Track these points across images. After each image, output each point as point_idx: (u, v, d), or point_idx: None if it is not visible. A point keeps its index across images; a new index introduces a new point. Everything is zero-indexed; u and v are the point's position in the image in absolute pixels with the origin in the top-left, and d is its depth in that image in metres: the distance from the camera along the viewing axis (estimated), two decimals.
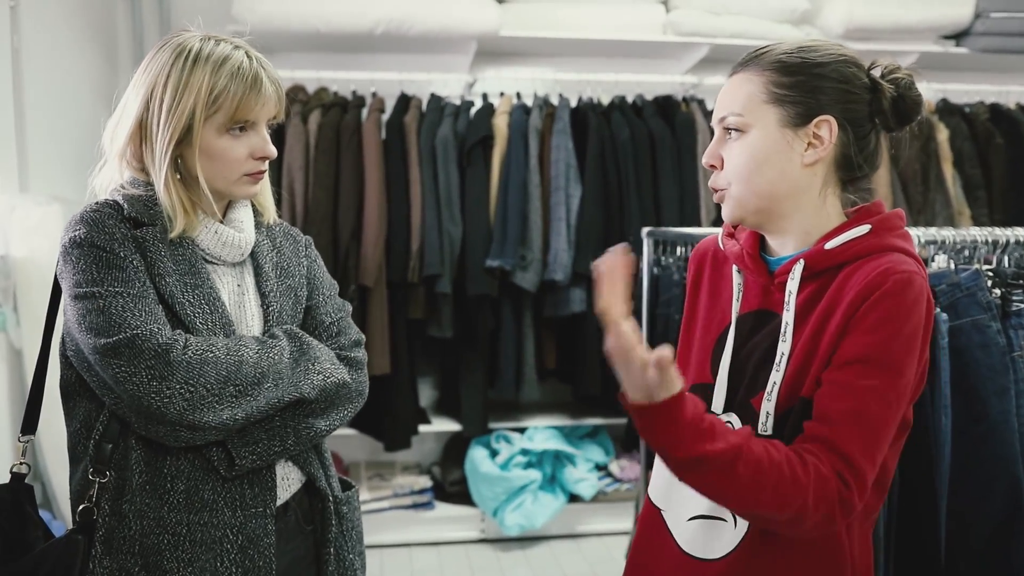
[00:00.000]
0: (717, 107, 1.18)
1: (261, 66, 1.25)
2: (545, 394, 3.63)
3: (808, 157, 1.13)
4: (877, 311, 1.04)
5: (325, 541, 1.36)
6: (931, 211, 3.41)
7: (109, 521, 1.19)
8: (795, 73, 1.13)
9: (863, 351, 1.04)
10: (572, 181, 3.33)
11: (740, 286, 1.23)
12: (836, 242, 1.12)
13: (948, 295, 1.63)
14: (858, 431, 1.03)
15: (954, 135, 3.55)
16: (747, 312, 1.21)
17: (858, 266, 1.09)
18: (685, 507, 1.20)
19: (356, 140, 3.27)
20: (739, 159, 1.14)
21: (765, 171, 1.13)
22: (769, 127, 1.13)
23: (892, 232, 1.14)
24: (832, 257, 1.12)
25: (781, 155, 1.13)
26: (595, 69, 3.66)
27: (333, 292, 1.46)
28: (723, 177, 1.17)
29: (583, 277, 3.28)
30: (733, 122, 1.15)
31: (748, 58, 1.17)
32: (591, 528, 3.56)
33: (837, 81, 1.13)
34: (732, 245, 1.24)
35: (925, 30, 3.65)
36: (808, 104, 1.12)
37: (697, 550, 1.17)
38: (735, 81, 1.17)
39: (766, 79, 1.13)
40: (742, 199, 1.16)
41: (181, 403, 1.14)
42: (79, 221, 1.20)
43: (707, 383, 1.22)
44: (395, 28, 3.35)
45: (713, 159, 1.18)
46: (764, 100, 1.13)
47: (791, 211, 1.15)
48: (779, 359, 1.12)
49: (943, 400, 1.57)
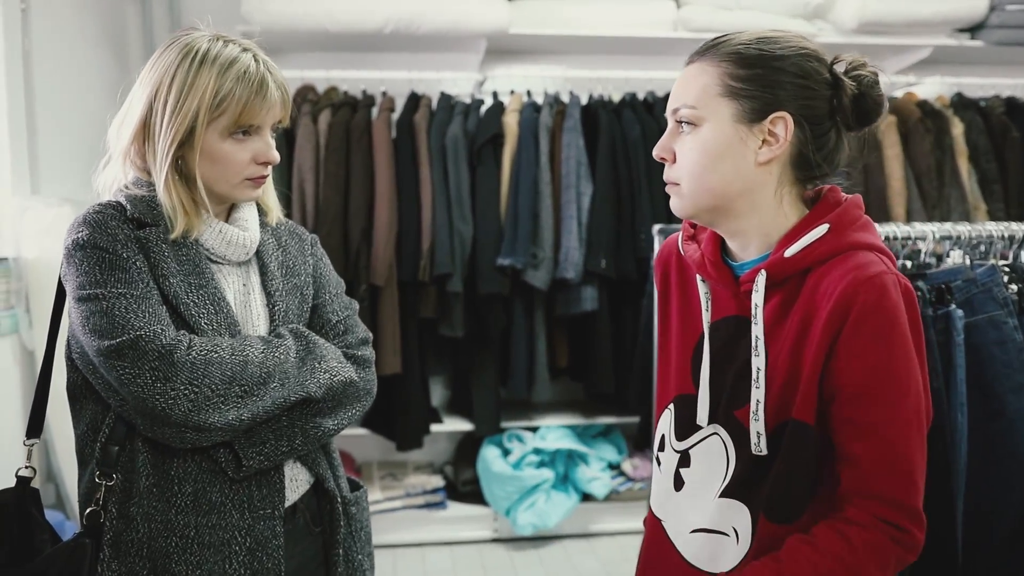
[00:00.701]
0: (671, 97, 1.13)
1: (268, 70, 1.24)
2: (557, 393, 3.62)
3: (762, 155, 1.08)
4: (863, 331, 1.01)
5: (334, 542, 1.36)
6: (946, 206, 3.38)
7: (117, 524, 1.18)
8: (752, 66, 1.08)
9: (864, 380, 1.02)
10: (583, 179, 3.31)
11: (707, 295, 1.18)
12: (795, 248, 1.07)
13: (964, 291, 1.61)
14: (889, 467, 1.01)
15: (969, 129, 3.51)
16: (720, 319, 1.17)
17: (826, 270, 1.05)
18: (685, 519, 1.18)
19: (366, 139, 3.26)
20: (691, 154, 1.10)
21: (718, 167, 1.08)
22: (723, 122, 1.08)
23: (852, 226, 1.09)
24: (793, 264, 1.07)
25: (734, 152, 1.08)
26: (605, 66, 3.64)
27: (340, 290, 1.45)
28: (675, 171, 1.12)
29: (595, 275, 3.26)
30: (686, 114, 1.10)
31: (705, 47, 1.12)
32: (604, 527, 3.54)
33: (796, 76, 1.07)
34: (693, 251, 1.19)
35: (939, 23, 3.60)
36: (764, 99, 1.07)
37: (703, 563, 1.16)
38: (690, 71, 1.12)
39: (722, 71, 1.09)
40: (694, 196, 1.11)
41: (186, 404, 1.14)
42: (82, 223, 1.20)
43: (690, 394, 1.19)
44: (404, 27, 3.34)
45: (664, 152, 1.13)
46: (719, 93, 1.08)
47: (746, 210, 1.11)
48: (756, 375, 1.08)
49: (959, 397, 1.55)
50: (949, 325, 1.57)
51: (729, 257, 1.17)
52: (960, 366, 1.55)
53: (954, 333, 1.55)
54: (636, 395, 3.21)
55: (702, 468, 1.17)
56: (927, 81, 3.72)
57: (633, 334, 3.29)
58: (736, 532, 1.12)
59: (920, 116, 3.45)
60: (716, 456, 1.15)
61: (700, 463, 1.17)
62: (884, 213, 3.32)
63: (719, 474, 1.14)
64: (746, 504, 1.11)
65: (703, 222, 1.16)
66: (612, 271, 3.26)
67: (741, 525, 1.11)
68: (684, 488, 1.19)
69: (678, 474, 1.20)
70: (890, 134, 3.36)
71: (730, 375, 1.14)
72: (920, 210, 3.35)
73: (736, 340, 1.14)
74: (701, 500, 1.16)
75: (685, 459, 1.19)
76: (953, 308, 1.57)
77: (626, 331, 3.37)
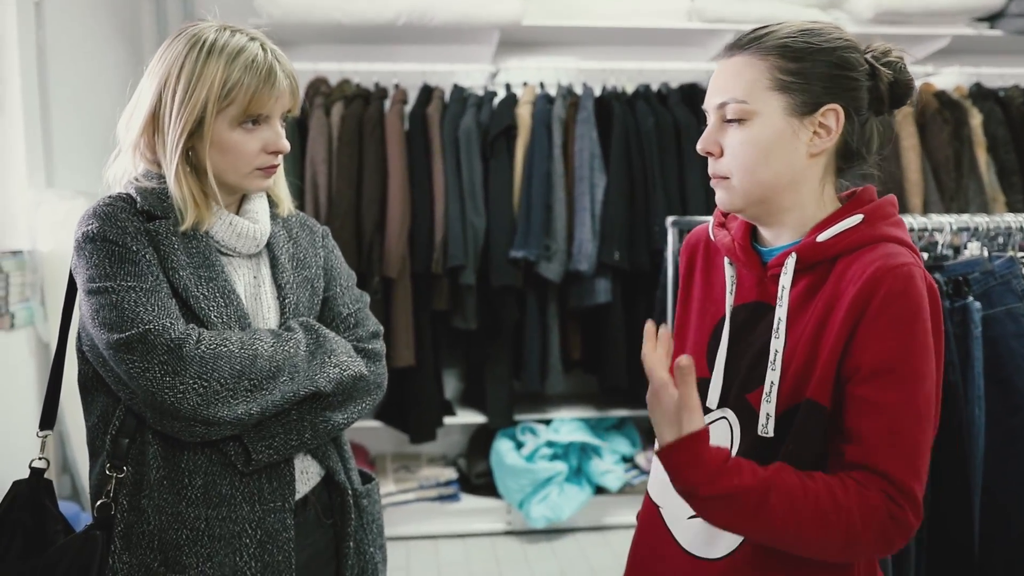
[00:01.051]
0: (713, 91, 1.13)
1: (276, 59, 1.23)
2: (570, 385, 3.61)
3: (814, 147, 1.09)
4: (886, 315, 1.01)
5: (345, 535, 1.35)
6: (964, 197, 3.34)
7: (127, 516, 1.18)
8: (801, 59, 1.08)
9: (881, 361, 1.01)
10: (596, 171, 3.30)
11: (733, 279, 1.19)
12: (828, 234, 1.08)
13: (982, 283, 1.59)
14: (895, 448, 1.00)
15: (988, 120, 3.47)
16: (740, 305, 1.17)
17: (854, 259, 1.06)
18: (683, 505, 1.17)
19: (379, 132, 3.26)
20: (743, 148, 1.09)
21: (771, 162, 1.09)
22: (774, 116, 1.08)
23: (885, 220, 1.10)
24: (824, 250, 1.08)
25: (786, 145, 1.08)
26: (619, 57, 3.62)
27: (351, 283, 1.44)
28: (723, 165, 1.12)
29: (608, 267, 3.25)
30: (735, 109, 1.09)
31: (747, 40, 1.11)
32: (618, 520, 3.53)
33: (842, 68, 1.08)
34: (723, 236, 1.20)
35: (958, 12, 3.56)
36: (814, 91, 1.08)
37: (699, 549, 1.15)
38: (734, 64, 1.11)
39: (770, 64, 1.08)
40: (746, 190, 1.11)
41: (195, 398, 1.13)
42: (91, 215, 1.19)
43: (703, 378, 1.19)
44: (417, 19, 3.34)
45: (711, 146, 1.13)
46: (768, 87, 1.08)
47: (792, 202, 1.12)
48: (773, 357, 1.08)
49: (977, 391, 1.53)
50: (967, 318, 1.55)
51: (759, 243, 1.18)
52: (978, 359, 1.53)
53: (972, 326, 1.54)
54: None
55: None
56: (945, 71, 3.69)
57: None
58: None
59: (938, 107, 3.41)
60: (719, 441, 1.14)
61: None
62: (901, 205, 3.25)
63: None
64: None
65: (748, 215, 1.16)
66: (626, 263, 3.25)
67: None
68: None
69: None
70: (907, 125, 3.33)
71: (745, 359, 1.14)
72: (937, 201, 3.31)
73: (753, 326, 1.14)
74: None
75: None
76: (971, 300, 1.55)
77: (639, 323, 3.33)
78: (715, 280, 1.24)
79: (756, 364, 1.12)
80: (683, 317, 1.29)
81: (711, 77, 1.14)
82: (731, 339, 1.17)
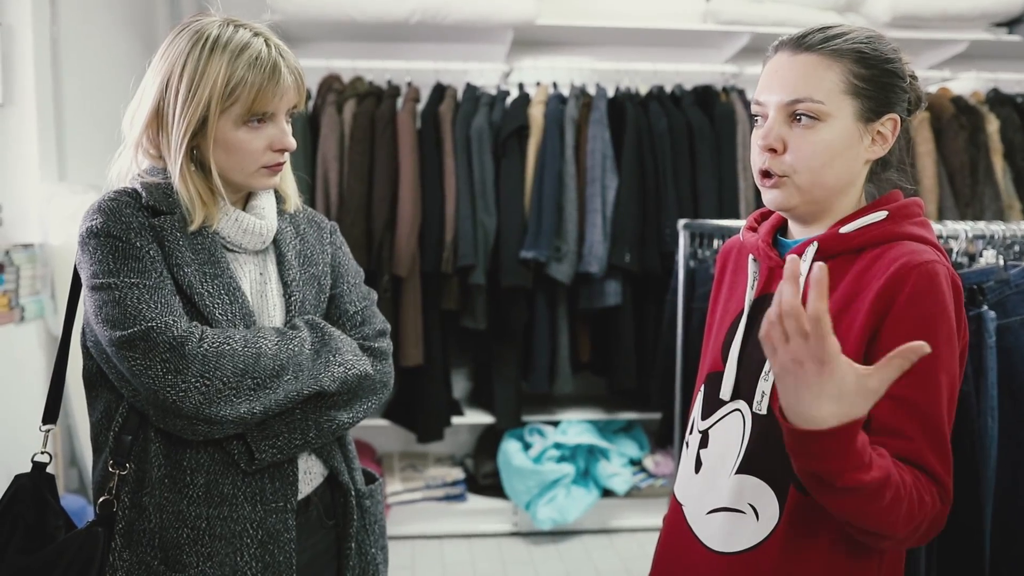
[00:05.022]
0: (779, 87, 1.10)
1: (280, 54, 1.21)
2: (579, 387, 3.59)
3: (871, 153, 1.12)
4: (912, 313, 1.02)
5: (346, 535, 1.35)
6: (979, 204, 3.31)
7: (129, 514, 1.18)
8: (872, 66, 1.09)
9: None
10: (608, 172, 3.28)
11: (755, 274, 1.20)
12: (852, 227, 1.10)
13: (997, 292, 1.56)
14: (932, 444, 1.02)
15: (1005, 126, 3.43)
16: (759, 297, 1.20)
17: (878, 254, 1.08)
18: (703, 500, 1.18)
19: (391, 130, 3.25)
20: (813, 149, 1.08)
21: (836, 164, 1.10)
22: (847, 119, 1.09)
23: (910, 219, 1.11)
24: (846, 241, 1.10)
25: (852, 149, 1.10)
26: (633, 58, 3.60)
27: (358, 280, 1.43)
28: (786, 163, 1.10)
29: (618, 269, 3.24)
30: (809, 108, 1.08)
31: (818, 41, 1.10)
32: (624, 523, 3.52)
33: (900, 78, 1.12)
34: (751, 237, 1.22)
35: (976, 17, 3.53)
36: (880, 99, 1.10)
37: (717, 543, 1.15)
38: (804, 63, 1.09)
39: (844, 67, 1.08)
40: (806, 190, 1.10)
41: (197, 397, 1.12)
42: (96, 210, 1.18)
43: (720, 371, 1.20)
44: (431, 17, 3.33)
45: (778, 143, 1.11)
46: (843, 90, 1.08)
47: (838, 205, 1.14)
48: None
49: (990, 402, 1.50)
50: (981, 327, 1.52)
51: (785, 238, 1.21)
52: (991, 369, 1.51)
53: (986, 335, 1.51)
54: (658, 391, 3.18)
55: (719, 446, 1.18)
56: (962, 76, 3.65)
57: (656, 329, 3.26)
58: (754, 509, 1.11)
59: (954, 112, 3.38)
60: (733, 432, 1.15)
61: (717, 442, 1.18)
62: None
63: (733, 450, 1.15)
64: (764, 479, 1.11)
65: (797, 214, 1.16)
66: (636, 266, 3.24)
67: (760, 502, 1.11)
68: (702, 469, 1.20)
69: (698, 456, 1.21)
70: (923, 130, 3.30)
71: (759, 350, 1.13)
72: (952, 208, 3.28)
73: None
74: (718, 479, 1.16)
75: (705, 439, 1.21)
76: (985, 309, 1.53)
77: (649, 326, 3.34)
78: (739, 280, 1.26)
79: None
80: (711, 320, 1.32)
81: (767, 72, 1.13)
82: (746, 332, 1.18)
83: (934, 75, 3.68)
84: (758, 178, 1.15)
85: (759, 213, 1.28)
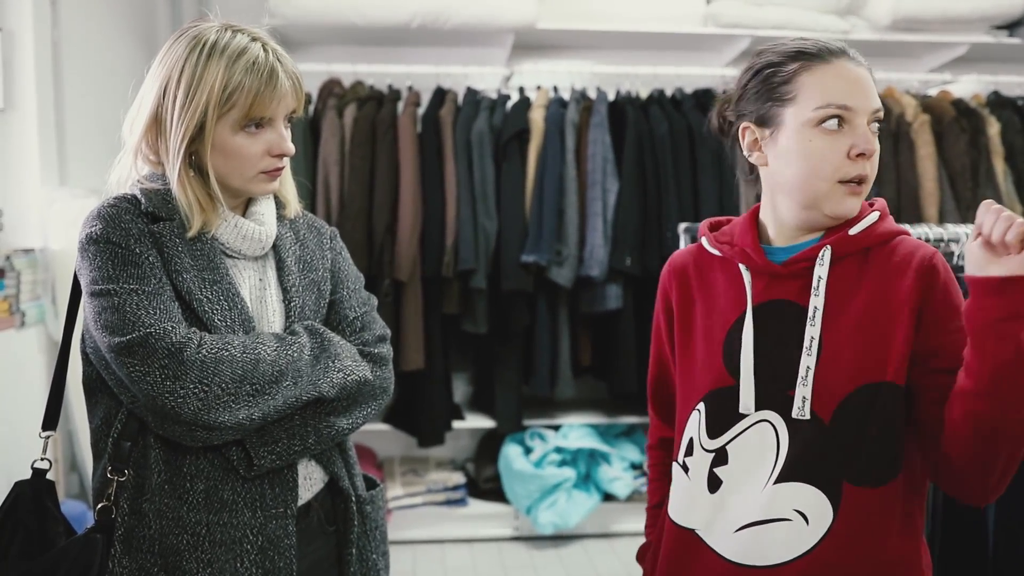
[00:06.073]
0: (868, 94, 1.14)
1: (278, 59, 1.21)
2: (580, 391, 3.59)
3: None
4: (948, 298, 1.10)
5: (347, 541, 1.34)
6: None
7: (128, 520, 1.17)
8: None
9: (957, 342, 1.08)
10: (609, 176, 3.28)
11: (751, 282, 1.21)
12: (859, 228, 1.16)
13: None
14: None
15: (1006, 129, 3.43)
16: (756, 306, 1.19)
17: (892, 248, 1.15)
18: (727, 519, 1.17)
19: (392, 134, 3.25)
20: (877, 155, 1.16)
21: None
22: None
23: (890, 218, 1.20)
24: (856, 242, 1.16)
25: None
26: (633, 62, 3.60)
27: (358, 285, 1.43)
28: (870, 169, 1.15)
29: (619, 273, 3.23)
30: (880, 117, 1.16)
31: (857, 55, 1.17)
32: (625, 528, 3.51)
33: None
34: (724, 248, 1.25)
35: (976, 20, 3.53)
36: None
37: (753, 559, 1.14)
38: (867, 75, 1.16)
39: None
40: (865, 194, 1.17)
41: (195, 403, 1.12)
42: (95, 217, 1.18)
43: (728, 386, 1.19)
44: (432, 21, 3.33)
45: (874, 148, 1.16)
46: None
47: None
48: (808, 343, 1.13)
49: None
50: None
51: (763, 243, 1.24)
52: None
53: None
54: None
55: (743, 461, 1.17)
56: (963, 79, 3.65)
57: None
58: (803, 514, 1.11)
59: (955, 115, 3.38)
60: (761, 445, 1.15)
61: (740, 457, 1.17)
62: (916, 214, 3.25)
63: (767, 462, 1.14)
64: (811, 483, 1.11)
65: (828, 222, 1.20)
66: (637, 269, 3.23)
67: (809, 506, 1.11)
68: (722, 487, 1.18)
69: (712, 474, 1.19)
70: (923, 133, 3.30)
71: (778, 357, 1.16)
72: (953, 211, 3.28)
73: (777, 323, 1.17)
74: (747, 494, 1.15)
75: (721, 456, 1.19)
76: None
77: (650, 330, 3.33)
78: (716, 292, 1.26)
79: (794, 360, 1.14)
80: (685, 340, 1.30)
81: (845, 78, 1.14)
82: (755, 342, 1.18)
83: (935, 78, 3.67)
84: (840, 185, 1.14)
85: (707, 224, 1.34)
